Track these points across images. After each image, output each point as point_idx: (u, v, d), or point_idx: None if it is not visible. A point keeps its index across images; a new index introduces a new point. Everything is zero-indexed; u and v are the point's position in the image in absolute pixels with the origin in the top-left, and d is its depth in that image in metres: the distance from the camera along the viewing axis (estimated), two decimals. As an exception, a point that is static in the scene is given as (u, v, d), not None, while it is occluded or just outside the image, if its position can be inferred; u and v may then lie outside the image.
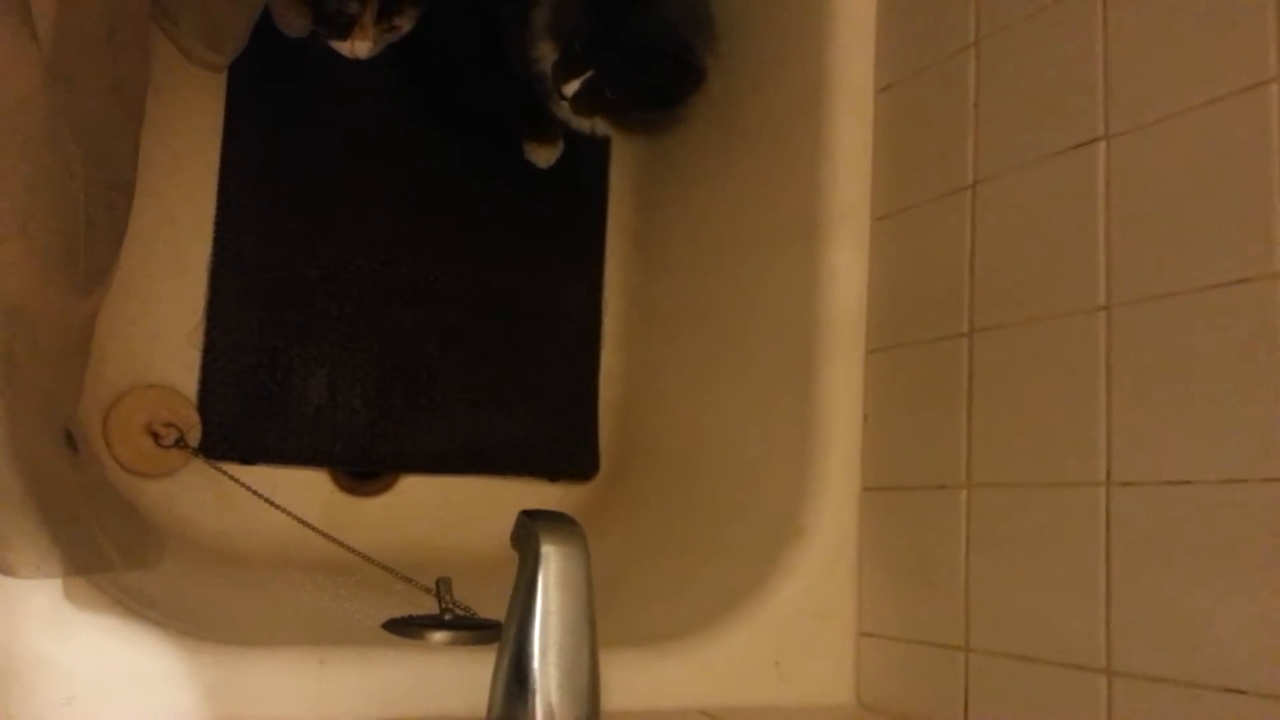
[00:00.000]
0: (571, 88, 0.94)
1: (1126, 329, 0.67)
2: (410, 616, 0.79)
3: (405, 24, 0.98)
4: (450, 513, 1.14)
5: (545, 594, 0.61)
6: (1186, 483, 0.63)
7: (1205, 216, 0.63)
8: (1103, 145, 0.70)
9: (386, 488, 1.12)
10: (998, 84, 0.80)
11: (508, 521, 1.15)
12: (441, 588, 0.79)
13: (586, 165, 1.23)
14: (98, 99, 0.65)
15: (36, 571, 0.56)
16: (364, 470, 1.11)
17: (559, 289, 1.21)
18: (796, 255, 0.94)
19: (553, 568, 0.61)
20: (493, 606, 0.79)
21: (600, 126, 1.06)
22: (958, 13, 0.83)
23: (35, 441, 0.63)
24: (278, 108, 1.09)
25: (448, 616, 0.79)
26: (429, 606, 0.81)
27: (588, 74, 0.93)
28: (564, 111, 1.02)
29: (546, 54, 0.98)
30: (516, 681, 0.60)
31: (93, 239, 0.64)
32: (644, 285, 1.23)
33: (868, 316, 0.90)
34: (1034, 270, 0.74)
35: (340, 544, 0.91)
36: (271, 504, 0.97)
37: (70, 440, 0.74)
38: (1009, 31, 0.79)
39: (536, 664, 0.60)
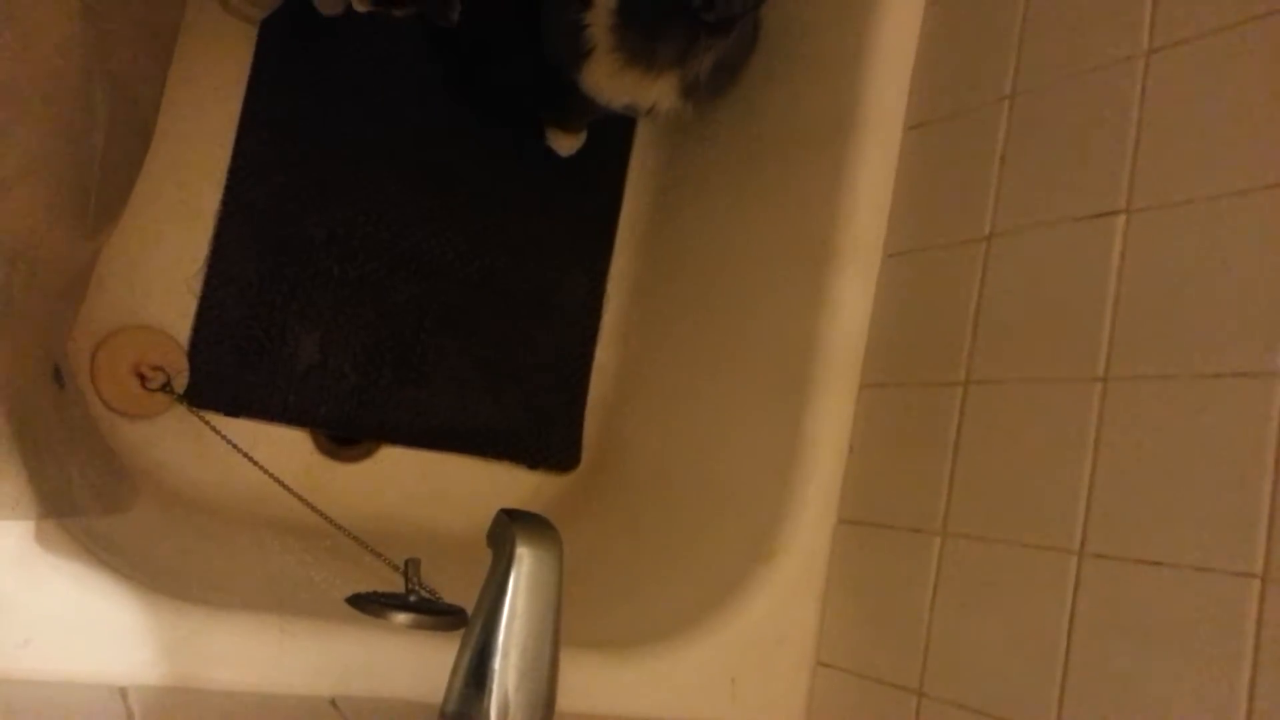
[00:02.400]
0: None
1: (1121, 403, 0.68)
2: (375, 593, 0.79)
3: None
4: (425, 488, 1.14)
5: (515, 595, 0.61)
6: (1158, 564, 0.63)
7: (1214, 306, 0.63)
8: (1123, 218, 0.70)
9: (365, 455, 1.12)
10: (1027, 140, 0.80)
11: (480, 503, 1.17)
12: (410, 568, 0.79)
13: (607, 158, 1.23)
14: (129, 42, 0.64)
15: (10, 512, 0.56)
16: (346, 436, 1.11)
17: (563, 278, 1.20)
18: (804, 278, 0.94)
19: (525, 570, 0.61)
20: (456, 589, 0.79)
21: (620, 94, 1.02)
22: (997, 64, 0.83)
23: (24, 378, 0.63)
24: (305, 67, 1.07)
25: (412, 598, 0.78)
26: (394, 582, 0.81)
27: None
28: (591, 78, 1.00)
29: None
30: (475, 678, 0.61)
31: (105, 182, 0.63)
32: (648, 284, 1.22)
33: (866, 350, 0.90)
34: (1037, 331, 0.75)
35: (313, 508, 0.91)
36: (249, 459, 0.96)
37: (58, 375, 0.73)
38: (1045, 91, 0.79)
39: (497, 663, 0.60)
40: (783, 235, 1.00)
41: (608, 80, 1.00)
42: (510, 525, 0.62)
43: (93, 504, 0.68)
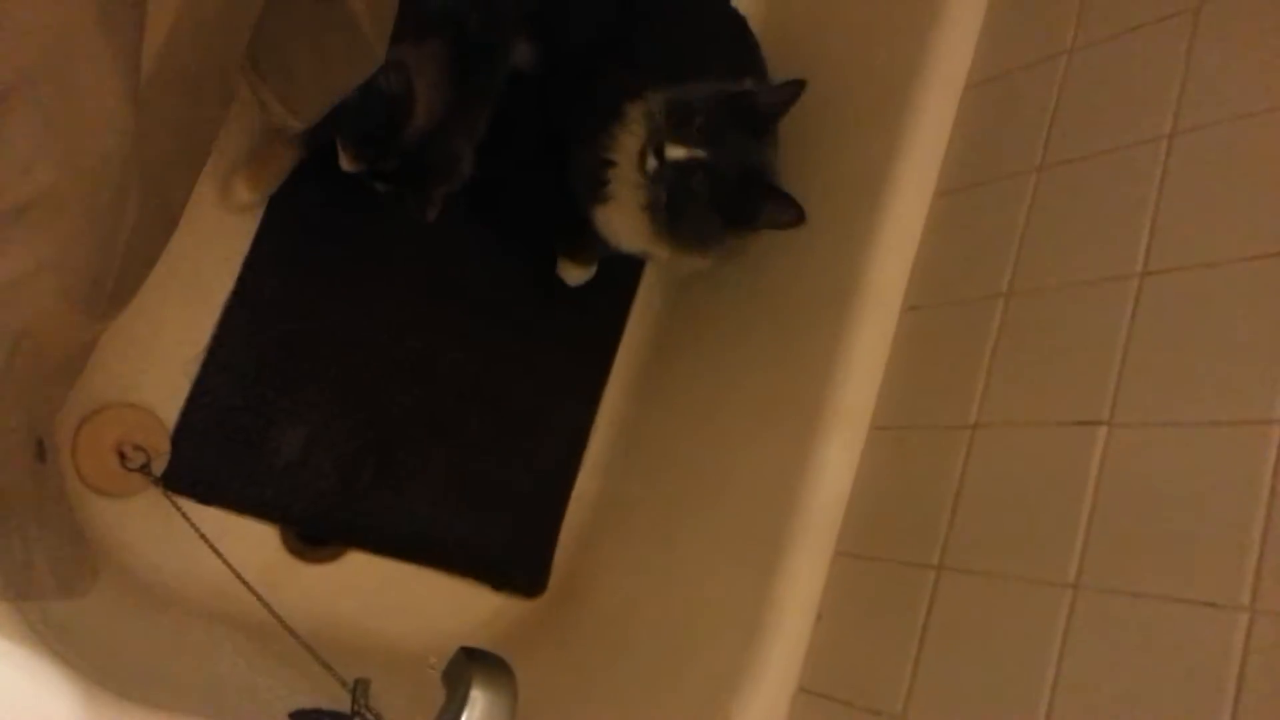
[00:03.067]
0: (676, 153, 0.92)
1: (1089, 613, 0.68)
2: (319, 711, 0.77)
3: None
4: (387, 598, 1.13)
5: (463, 738, 0.60)
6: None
7: (1186, 530, 0.64)
8: (1104, 430, 0.72)
9: (331, 558, 1.11)
10: (1019, 340, 0.82)
11: (440, 620, 1.15)
12: (358, 690, 0.77)
13: (613, 293, 1.25)
14: (169, 140, 0.66)
15: (-32, 594, 0.55)
16: (315, 536, 1.10)
17: (555, 403, 1.21)
18: (790, 439, 0.95)
19: (477, 714, 0.60)
20: (403, 712, 0.77)
21: (632, 241, 1.05)
22: (996, 261, 0.86)
23: (7, 456, 0.63)
24: (333, 176, 1.10)
25: (356, 720, 0.76)
26: (342, 699, 0.79)
27: (698, 152, 0.93)
28: (605, 218, 1.03)
29: (629, 138, 0.97)
30: (410, 819, 0.59)
31: (124, 271, 0.64)
32: (638, 420, 1.23)
33: (844, 519, 0.91)
34: (1014, 528, 0.75)
35: (271, 611, 0.89)
36: (214, 550, 0.95)
37: (40, 449, 0.73)
38: (1040, 293, 0.82)
39: (435, 808, 0.59)
40: (774, 394, 1.01)
41: (622, 228, 1.03)
42: (468, 665, 0.62)
43: (52, 586, 0.67)
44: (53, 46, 0.48)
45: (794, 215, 0.96)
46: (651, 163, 0.94)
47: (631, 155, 0.96)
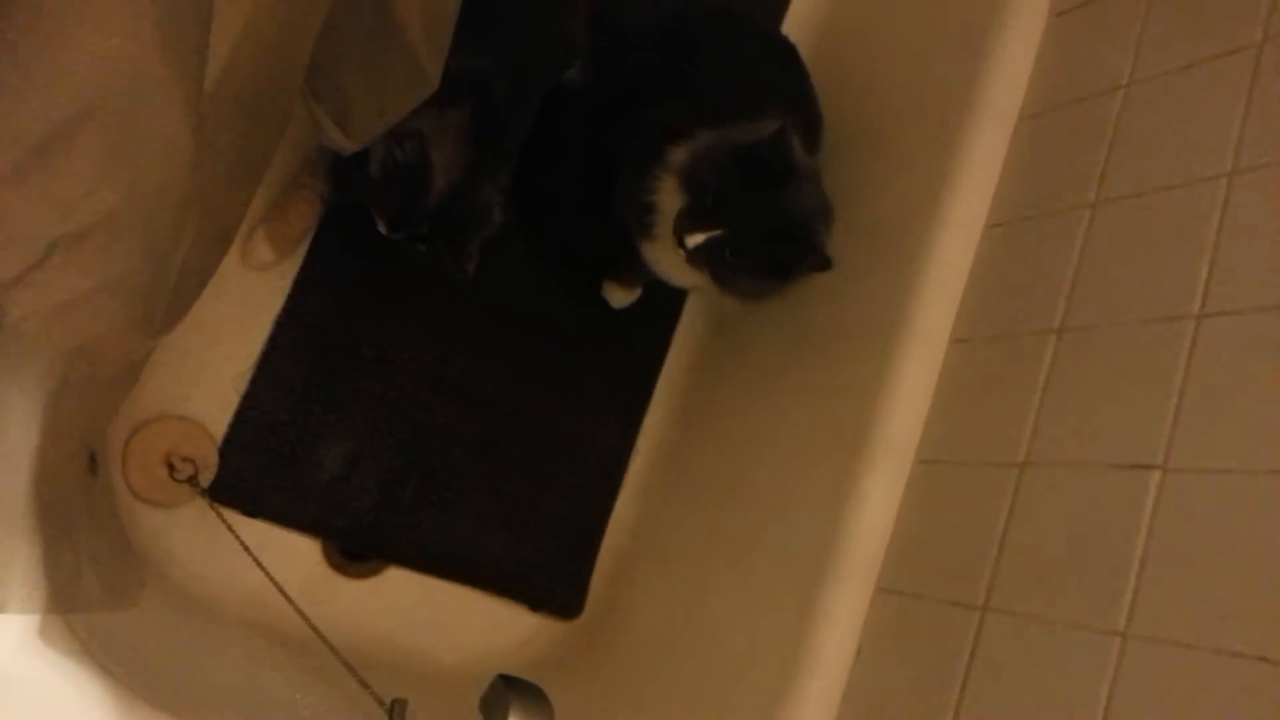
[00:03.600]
0: (695, 240, 0.94)
1: (1137, 662, 0.66)
2: (357, 731, 0.77)
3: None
4: (424, 615, 1.13)
5: (497, 766, 0.60)
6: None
7: (1240, 580, 0.63)
8: (1158, 474, 0.70)
9: (371, 574, 1.11)
10: (1071, 378, 0.80)
11: (477, 639, 1.15)
12: (395, 710, 0.78)
13: (656, 317, 1.25)
14: (227, 161, 0.67)
15: (21, 607, 0.56)
16: (356, 551, 1.10)
17: (596, 425, 1.21)
18: (834, 471, 0.94)
19: (512, 742, 0.60)
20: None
21: (681, 278, 1.05)
22: (1049, 296, 0.85)
23: (60, 463, 0.64)
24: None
25: (393, 743, 0.77)
26: (378, 715, 0.80)
27: (715, 232, 0.93)
28: (652, 254, 1.03)
29: (668, 191, 0.98)
30: (443, 847, 0.59)
31: (179, 290, 0.66)
32: (678, 445, 1.23)
33: (886, 553, 0.89)
34: (1062, 571, 0.74)
35: (311, 625, 0.90)
36: (257, 562, 0.96)
37: (92, 461, 0.75)
38: (1093, 332, 0.80)
39: (468, 836, 0.59)
40: (817, 423, 1.00)
41: (669, 268, 1.03)
42: (506, 693, 0.62)
43: (99, 598, 0.68)
44: (118, 75, 0.50)
45: (818, 261, 0.95)
46: (679, 252, 0.96)
47: (672, 207, 0.97)
